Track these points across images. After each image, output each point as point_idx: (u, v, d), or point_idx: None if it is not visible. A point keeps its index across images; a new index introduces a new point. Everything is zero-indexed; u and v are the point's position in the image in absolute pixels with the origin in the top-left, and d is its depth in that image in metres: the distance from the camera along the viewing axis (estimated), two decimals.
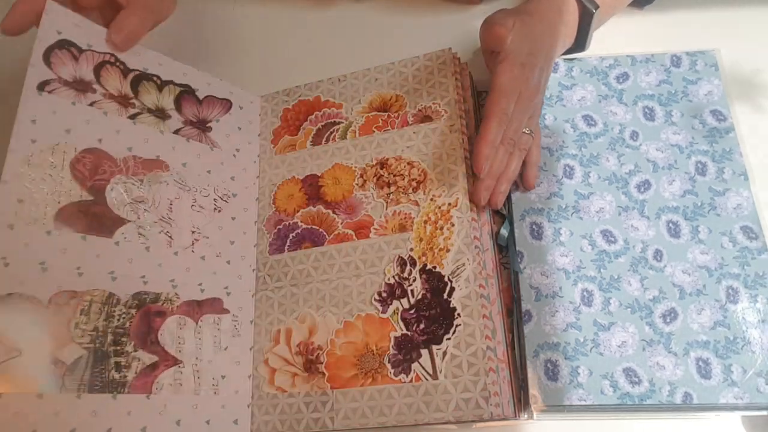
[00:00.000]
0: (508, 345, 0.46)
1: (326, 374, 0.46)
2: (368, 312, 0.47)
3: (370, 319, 0.47)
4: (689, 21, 0.61)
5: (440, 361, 0.44)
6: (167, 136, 0.51)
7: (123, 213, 0.46)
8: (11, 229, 0.40)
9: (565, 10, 0.53)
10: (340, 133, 0.55)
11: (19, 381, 0.38)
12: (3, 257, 0.39)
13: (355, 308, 0.48)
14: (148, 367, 0.44)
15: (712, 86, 0.55)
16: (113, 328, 0.43)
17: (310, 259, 0.51)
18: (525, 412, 0.45)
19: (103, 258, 0.44)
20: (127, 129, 0.48)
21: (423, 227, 0.48)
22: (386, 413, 0.43)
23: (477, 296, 0.44)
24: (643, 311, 0.47)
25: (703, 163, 0.52)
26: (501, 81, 0.48)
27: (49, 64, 0.45)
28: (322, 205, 0.53)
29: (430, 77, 0.54)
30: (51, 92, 0.44)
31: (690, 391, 0.44)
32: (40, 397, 0.39)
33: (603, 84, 0.57)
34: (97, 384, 0.41)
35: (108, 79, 0.49)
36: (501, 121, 0.47)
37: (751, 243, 0.49)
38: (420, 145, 0.51)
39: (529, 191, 0.52)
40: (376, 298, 0.47)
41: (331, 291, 0.49)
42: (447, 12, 0.65)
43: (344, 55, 0.63)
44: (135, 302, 0.45)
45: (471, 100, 0.53)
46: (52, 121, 0.44)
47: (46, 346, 0.40)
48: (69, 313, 0.41)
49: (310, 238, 0.52)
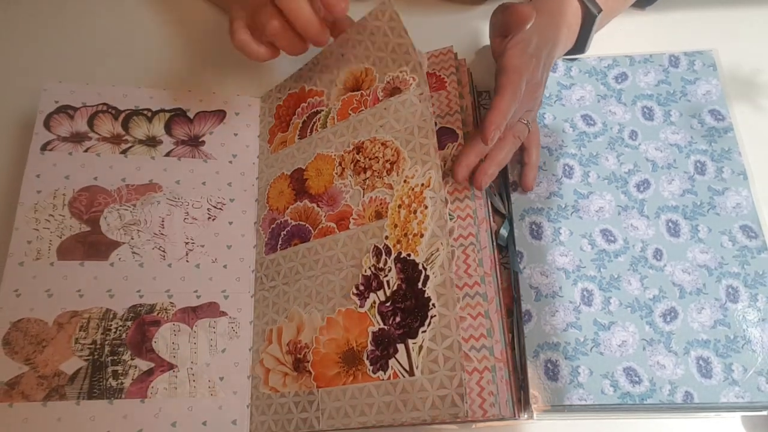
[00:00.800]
0: (508, 345, 0.46)
1: (312, 373, 0.46)
2: (348, 307, 0.46)
3: (349, 315, 0.46)
4: (688, 21, 0.61)
5: (416, 356, 0.41)
6: (158, 160, 0.54)
7: (116, 237, 0.51)
8: (21, 265, 0.48)
9: (569, 12, 0.53)
10: (321, 121, 0.53)
11: (28, 392, 0.45)
12: (15, 289, 0.48)
13: (337, 304, 0.46)
14: (144, 374, 0.47)
15: (711, 86, 0.56)
16: (110, 340, 0.47)
17: (298, 256, 0.50)
18: (525, 412, 0.45)
19: (100, 279, 0.49)
20: (119, 163, 0.53)
21: (397, 212, 0.46)
22: (366, 413, 0.42)
23: (451, 284, 0.42)
24: (643, 310, 0.47)
25: (702, 163, 0.52)
26: (514, 62, 0.46)
27: (48, 128, 0.53)
28: (308, 199, 0.52)
29: (386, 40, 0.50)
30: (52, 150, 0.52)
31: (691, 390, 0.44)
32: (45, 405, 0.45)
33: (602, 84, 0.57)
34: (95, 391, 0.46)
35: (101, 125, 0.54)
36: (514, 94, 0.45)
37: (751, 242, 0.49)
38: (392, 122, 0.48)
39: (529, 191, 0.52)
40: (354, 292, 0.46)
41: (317, 287, 0.48)
42: (448, 12, 0.65)
43: None
44: (131, 315, 0.48)
45: (470, 97, 0.53)
46: (52, 172, 0.52)
47: (50, 361, 0.46)
48: (70, 331, 0.47)
49: (298, 235, 0.51)
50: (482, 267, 0.46)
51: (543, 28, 0.50)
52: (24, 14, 0.65)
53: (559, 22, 0.52)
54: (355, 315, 0.45)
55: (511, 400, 0.43)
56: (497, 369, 0.43)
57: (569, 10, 0.53)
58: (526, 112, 0.50)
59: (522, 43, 0.48)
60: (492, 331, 0.44)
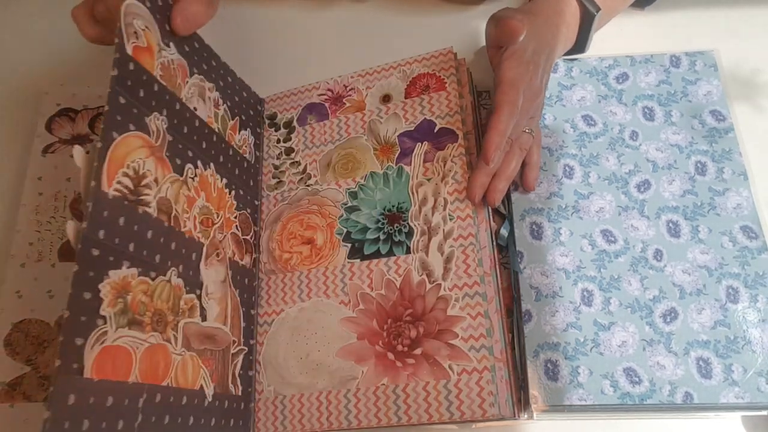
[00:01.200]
0: (508, 345, 0.46)
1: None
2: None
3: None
4: (689, 21, 0.61)
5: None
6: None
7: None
8: (23, 267, 0.49)
9: (567, 12, 0.53)
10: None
11: (29, 392, 0.46)
12: (17, 291, 0.48)
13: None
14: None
15: (712, 86, 0.56)
16: None
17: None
18: (525, 412, 0.45)
19: None
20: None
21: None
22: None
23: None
24: (643, 311, 0.47)
25: (702, 163, 0.52)
26: (509, 75, 0.47)
27: (50, 130, 0.54)
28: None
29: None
30: (53, 152, 0.53)
31: (690, 390, 0.44)
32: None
33: (602, 84, 0.57)
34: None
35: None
36: (511, 112, 0.47)
37: (751, 243, 0.49)
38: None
39: (531, 191, 0.52)
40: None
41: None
42: (448, 12, 0.65)
43: (345, 55, 0.63)
44: None
45: (470, 96, 0.53)
46: (54, 174, 0.53)
47: (52, 362, 0.46)
48: None
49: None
50: (482, 267, 0.46)
51: (540, 31, 0.50)
52: (25, 17, 0.66)
53: (557, 23, 0.52)
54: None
55: (511, 400, 0.43)
56: (497, 369, 0.43)
57: (567, 10, 0.53)
58: (529, 120, 0.50)
59: (517, 53, 0.48)
60: (492, 330, 0.44)
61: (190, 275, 0.42)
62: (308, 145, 0.56)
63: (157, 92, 0.41)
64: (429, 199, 0.50)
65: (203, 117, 0.47)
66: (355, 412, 0.45)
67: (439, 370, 0.44)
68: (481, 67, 0.58)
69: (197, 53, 0.48)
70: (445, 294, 0.46)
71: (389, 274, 0.48)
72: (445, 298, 0.46)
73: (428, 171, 0.51)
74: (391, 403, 0.44)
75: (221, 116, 0.50)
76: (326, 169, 0.55)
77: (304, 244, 0.52)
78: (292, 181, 0.55)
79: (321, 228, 0.52)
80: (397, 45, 0.60)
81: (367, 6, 0.67)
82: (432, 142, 0.52)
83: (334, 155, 0.55)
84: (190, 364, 0.40)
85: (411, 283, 0.47)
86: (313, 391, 0.47)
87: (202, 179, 0.45)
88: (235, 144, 0.51)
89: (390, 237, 0.50)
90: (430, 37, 0.62)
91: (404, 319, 0.47)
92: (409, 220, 0.50)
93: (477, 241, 0.47)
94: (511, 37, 0.49)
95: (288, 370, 0.48)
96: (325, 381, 0.47)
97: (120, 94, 0.37)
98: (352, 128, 0.56)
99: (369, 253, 0.50)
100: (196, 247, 0.43)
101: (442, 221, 0.48)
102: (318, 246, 0.52)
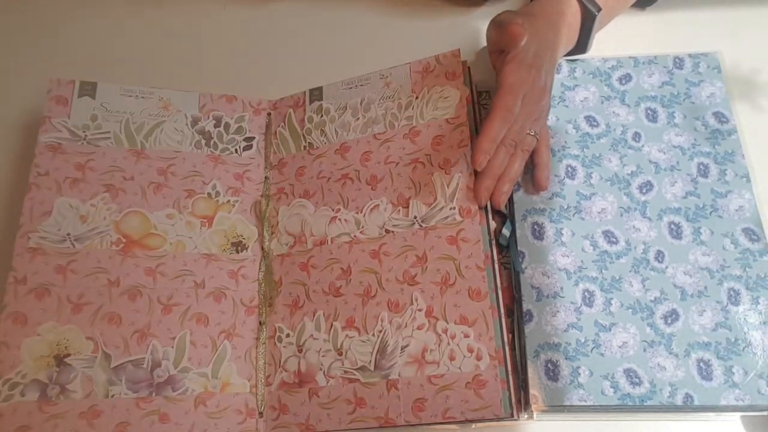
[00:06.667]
0: (509, 345, 0.46)
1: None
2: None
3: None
4: (691, 22, 0.61)
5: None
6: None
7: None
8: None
9: (568, 12, 0.53)
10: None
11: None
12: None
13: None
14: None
15: (715, 88, 0.55)
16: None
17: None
18: (525, 412, 0.45)
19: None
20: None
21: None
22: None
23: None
24: (644, 312, 0.47)
25: (705, 165, 0.52)
26: (509, 80, 0.48)
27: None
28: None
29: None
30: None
31: (691, 392, 0.44)
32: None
33: (606, 85, 0.57)
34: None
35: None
36: (505, 118, 0.47)
37: (753, 245, 0.49)
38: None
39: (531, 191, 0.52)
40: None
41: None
42: (449, 13, 0.65)
43: (345, 56, 0.63)
44: None
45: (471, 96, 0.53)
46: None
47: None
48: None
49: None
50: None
51: (542, 32, 0.50)
52: (28, 15, 0.66)
53: (558, 23, 0.52)
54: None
55: (509, 400, 0.43)
56: (494, 368, 0.43)
57: (568, 11, 0.53)
58: (534, 122, 0.50)
59: (518, 57, 0.49)
60: (487, 328, 0.44)
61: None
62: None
63: None
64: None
65: None
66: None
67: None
68: (481, 67, 0.58)
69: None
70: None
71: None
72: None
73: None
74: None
75: None
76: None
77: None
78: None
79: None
80: (398, 46, 0.60)
81: (368, 7, 0.67)
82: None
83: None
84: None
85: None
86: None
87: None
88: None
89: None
90: (430, 39, 0.62)
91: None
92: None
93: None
94: (512, 41, 0.50)
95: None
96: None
97: None
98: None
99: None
100: None
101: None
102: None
